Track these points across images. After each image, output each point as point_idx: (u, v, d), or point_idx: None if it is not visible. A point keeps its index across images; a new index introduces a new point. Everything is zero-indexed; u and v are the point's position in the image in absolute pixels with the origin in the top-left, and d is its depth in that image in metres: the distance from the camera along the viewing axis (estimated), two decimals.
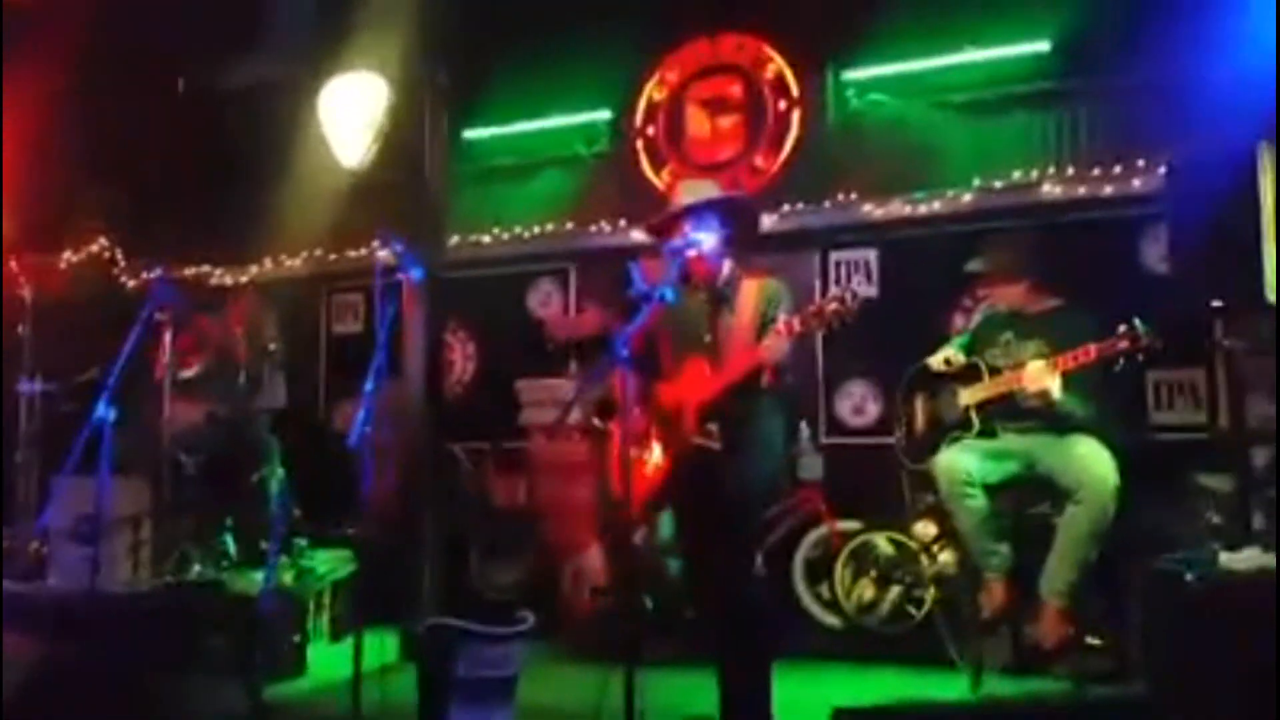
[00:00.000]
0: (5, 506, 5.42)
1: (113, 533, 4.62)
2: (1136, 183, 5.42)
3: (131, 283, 7.54)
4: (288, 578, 4.87)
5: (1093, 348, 3.94)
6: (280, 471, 5.09)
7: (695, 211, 3.72)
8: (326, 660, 4.89)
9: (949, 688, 4.12)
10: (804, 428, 5.51)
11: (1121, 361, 3.91)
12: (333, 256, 7.47)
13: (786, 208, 6.12)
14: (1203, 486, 4.42)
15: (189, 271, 7.22)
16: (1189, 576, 3.68)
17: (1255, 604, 3.53)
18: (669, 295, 3.84)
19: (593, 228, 6.74)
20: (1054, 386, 4.01)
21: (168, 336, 5.14)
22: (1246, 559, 3.67)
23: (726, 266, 3.74)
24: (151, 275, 7.15)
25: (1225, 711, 3.43)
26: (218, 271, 7.62)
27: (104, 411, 4.23)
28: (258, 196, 7.17)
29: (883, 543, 5.01)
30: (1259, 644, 3.46)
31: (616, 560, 4.90)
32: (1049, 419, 4.15)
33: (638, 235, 6.45)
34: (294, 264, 7.57)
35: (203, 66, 7.40)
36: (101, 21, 6.62)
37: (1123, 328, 3.91)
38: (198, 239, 7.35)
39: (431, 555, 5.15)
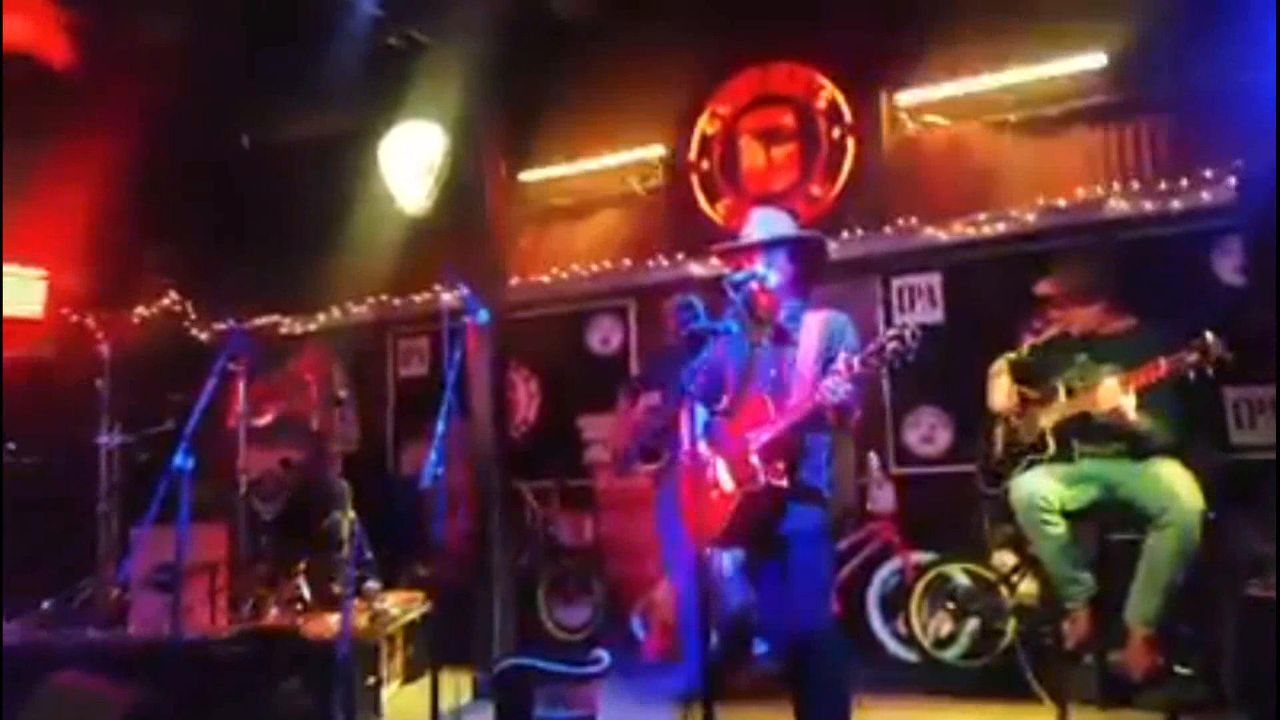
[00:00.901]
0: (85, 557, 5.56)
1: (191, 580, 4.70)
2: (1206, 195, 5.29)
3: (203, 335, 7.74)
4: (362, 620, 4.91)
5: (1163, 362, 3.83)
6: (353, 515, 5.14)
7: (767, 246, 3.69)
8: (402, 701, 4.91)
9: None
10: (873, 458, 5.42)
11: (1193, 375, 3.79)
12: (397, 302, 7.59)
13: (846, 235, 6.07)
14: None
15: (259, 321, 7.38)
16: None
17: None
18: (733, 328, 3.82)
19: (650, 263, 6.77)
20: (1128, 406, 3.90)
21: (241, 386, 5.24)
22: None
23: (789, 301, 3.69)
24: (223, 326, 7.33)
25: None
26: (287, 320, 7.78)
27: (181, 461, 4.31)
28: (323, 246, 7.32)
29: (959, 574, 4.89)
30: None
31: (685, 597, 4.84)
32: (1128, 441, 4.04)
33: (696, 269, 6.47)
34: (361, 310, 7.71)
35: (267, 121, 7.59)
36: (167, 79, 6.83)
37: (1193, 341, 3.80)
38: (266, 289, 7.51)
39: (503, 596, 5.16)
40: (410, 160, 7.27)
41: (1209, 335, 3.76)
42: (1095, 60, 5.59)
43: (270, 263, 7.47)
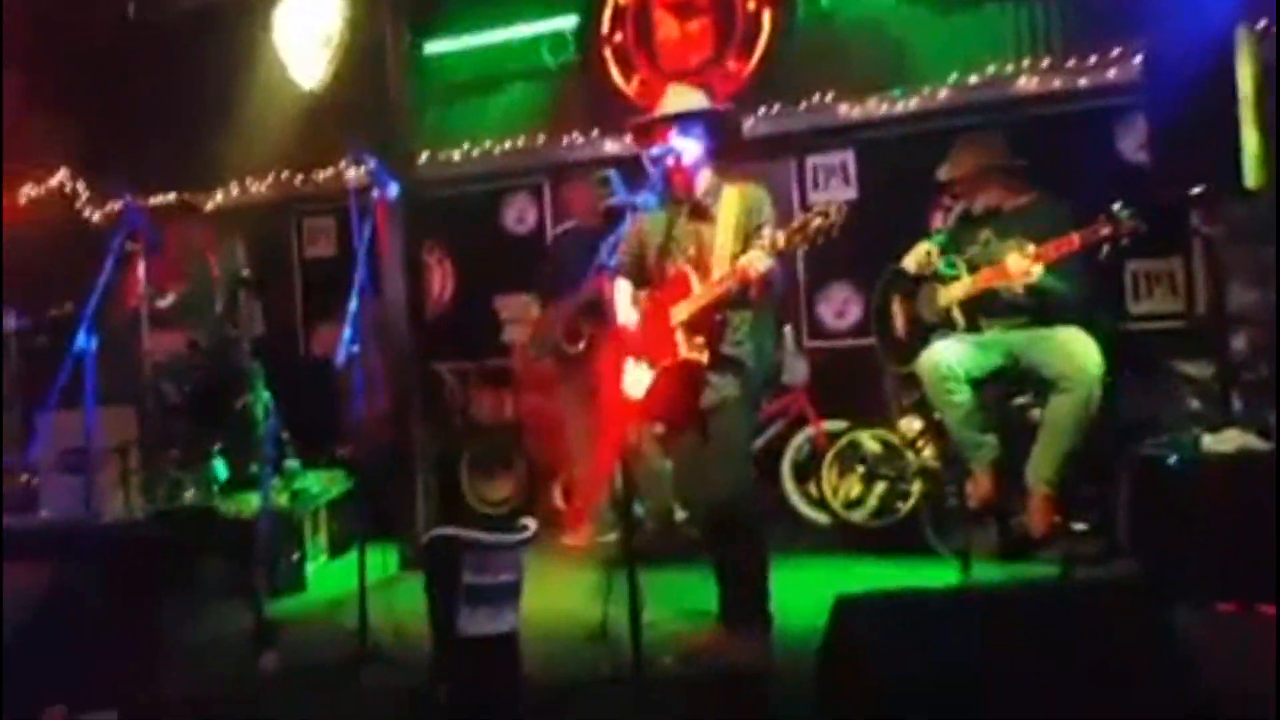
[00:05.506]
0: None
1: (102, 463, 4.61)
2: (1113, 72, 5.38)
3: (96, 215, 7.41)
4: (282, 499, 4.89)
5: (1075, 236, 3.96)
6: (266, 396, 5.06)
7: (680, 120, 3.67)
8: (327, 577, 4.96)
9: (936, 577, 4.20)
10: (788, 332, 5.52)
11: (1105, 249, 3.93)
12: (300, 179, 7.33)
13: (762, 111, 6.04)
14: (1182, 373, 4.50)
15: (155, 200, 7.08)
16: (1173, 460, 3.78)
17: (1237, 483, 3.64)
18: (651, 203, 3.82)
19: (564, 140, 6.64)
20: (1038, 276, 4.04)
21: (141, 265, 5.06)
22: (1227, 440, 3.77)
23: (706, 176, 3.70)
24: (117, 206, 7.02)
25: (1210, 589, 3.55)
26: (183, 199, 7.48)
27: (84, 343, 4.20)
28: (219, 120, 7.02)
29: (868, 440, 5.07)
30: (1241, 522, 3.58)
31: (607, 469, 4.93)
32: (1031, 311, 4.19)
33: (611, 146, 6.38)
34: (262, 188, 7.44)
35: None
36: None
37: (1103, 215, 3.92)
38: (160, 167, 7.19)
39: (424, 473, 5.18)
40: (307, 29, 6.97)
41: (1120, 208, 3.87)
42: None
43: (163, 139, 7.14)
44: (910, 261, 4.50)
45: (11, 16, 6.63)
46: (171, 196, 7.31)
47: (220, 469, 5.18)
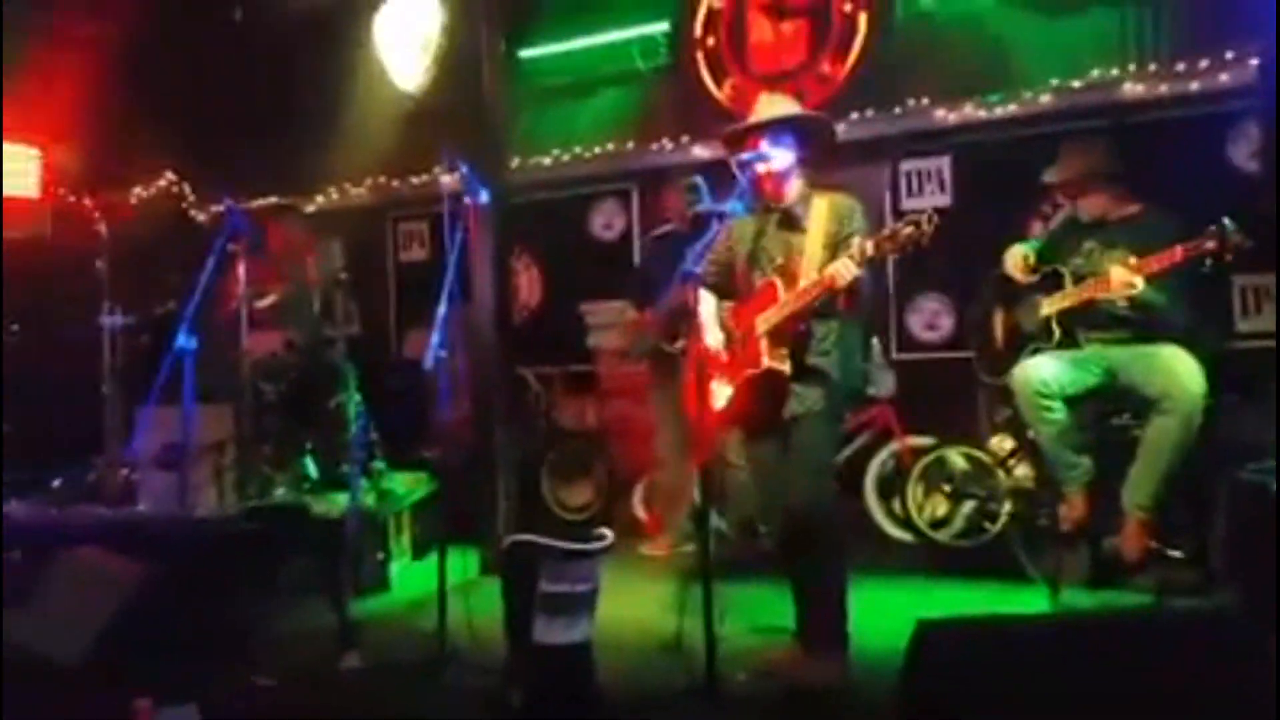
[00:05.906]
0: (92, 436, 5.63)
1: (197, 459, 4.76)
2: (1224, 77, 5.16)
3: (201, 216, 7.65)
4: (369, 499, 4.99)
5: (1179, 249, 3.80)
6: (358, 397, 5.17)
7: (771, 127, 3.62)
8: (409, 577, 5.04)
9: (1024, 601, 4.08)
10: (875, 344, 5.41)
11: (1209, 263, 3.77)
12: (396, 183, 7.47)
13: (855, 116, 5.93)
14: None
15: (257, 203, 7.30)
16: (1276, 486, 3.59)
17: None
18: (739, 210, 3.78)
19: (654, 145, 6.63)
20: (1141, 290, 3.88)
21: (242, 267, 5.20)
22: None
23: (796, 184, 3.64)
24: (221, 208, 7.25)
25: None
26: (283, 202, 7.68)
27: (185, 341, 4.35)
28: (320, 124, 7.18)
29: (956, 458, 4.94)
30: None
31: (688, 479, 4.90)
32: (1133, 327, 4.04)
33: (700, 152, 6.35)
34: (359, 192, 7.60)
35: None
36: None
37: (1210, 228, 3.76)
38: (263, 170, 7.40)
39: (506, 477, 5.22)
40: (406, 35, 7.10)
41: (1227, 222, 3.71)
42: None
43: (266, 142, 7.34)
44: (1010, 266, 4.38)
45: (122, 20, 6.88)
46: (272, 199, 7.52)
47: (310, 467, 5.31)
